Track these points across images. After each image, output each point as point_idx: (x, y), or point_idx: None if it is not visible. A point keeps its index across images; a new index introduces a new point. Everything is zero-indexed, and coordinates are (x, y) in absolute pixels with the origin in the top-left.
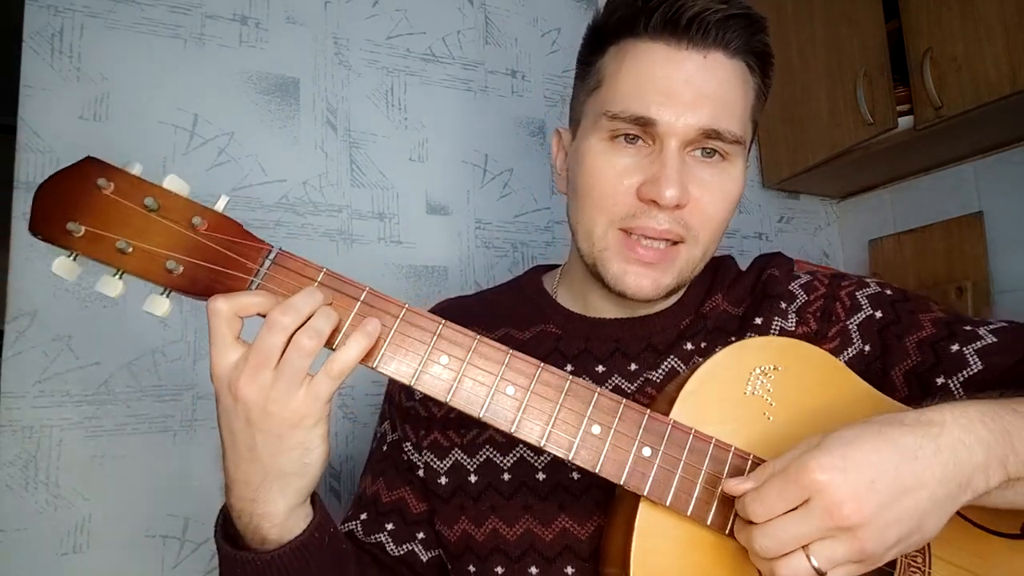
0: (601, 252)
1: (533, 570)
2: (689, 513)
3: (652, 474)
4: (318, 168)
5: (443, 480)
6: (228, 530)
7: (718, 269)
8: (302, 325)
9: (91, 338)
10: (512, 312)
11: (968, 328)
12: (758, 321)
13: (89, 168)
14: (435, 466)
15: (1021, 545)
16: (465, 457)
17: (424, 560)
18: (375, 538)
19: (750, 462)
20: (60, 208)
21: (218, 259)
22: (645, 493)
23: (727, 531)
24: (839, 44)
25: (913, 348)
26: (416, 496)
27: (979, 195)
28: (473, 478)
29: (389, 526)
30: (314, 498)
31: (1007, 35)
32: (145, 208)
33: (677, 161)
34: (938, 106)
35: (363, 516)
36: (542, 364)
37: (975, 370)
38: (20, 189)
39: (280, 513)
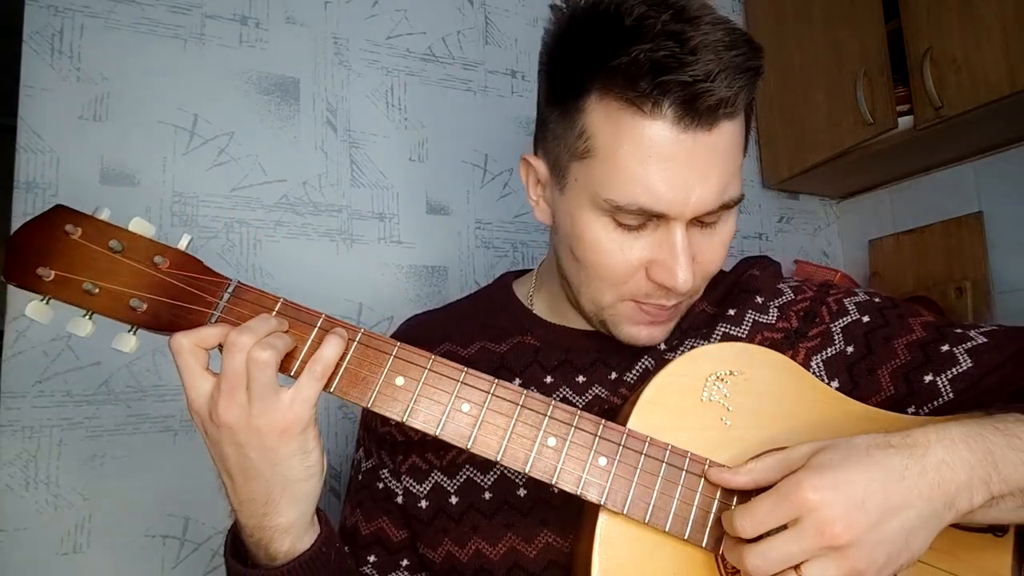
0: (611, 316)
1: None
2: (647, 520)
3: (608, 483)
4: (318, 168)
5: (423, 504)
6: (237, 548)
7: None
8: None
9: (91, 338)
10: (486, 324)
11: (958, 331)
12: (731, 312)
13: (58, 215)
14: (415, 490)
15: (990, 540)
16: (445, 479)
17: None
18: (360, 570)
19: (707, 467)
20: (31, 254)
21: (179, 295)
22: (602, 502)
23: (685, 536)
24: (839, 44)
25: (902, 349)
26: (395, 524)
27: (979, 195)
28: (454, 499)
29: (371, 558)
30: (320, 515)
31: (1006, 35)
32: (110, 250)
33: (685, 244)
34: (938, 106)
35: (344, 549)
36: (496, 380)
37: (964, 367)
38: (20, 189)
39: (294, 522)
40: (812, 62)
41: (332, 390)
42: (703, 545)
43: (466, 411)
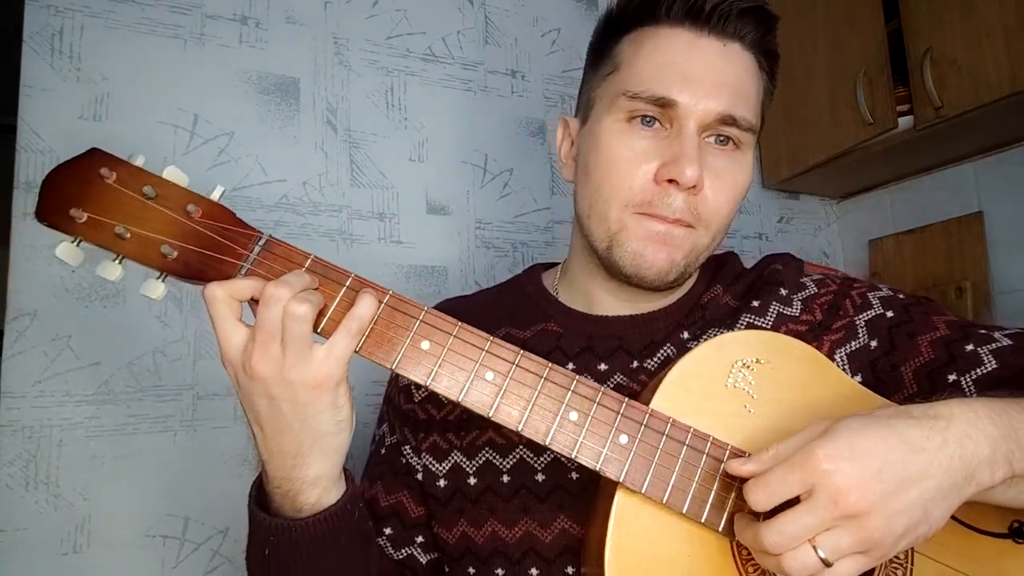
0: (617, 233)
1: (534, 571)
2: (665, 501)
3: (628, 461)
4: (318, 168)
5: (441, 483)
6: (261, 499)
7: (723, 265)
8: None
9: (91, 338)
10: (512, 311)
11: (983, 331)
12: (755, 303)
13: (94, 159)
14: (434, 469)
15: (1008, 545)
16: (464, 459)
17: (423, 563)
18: (375, 541)
19: (728, 452)
20: (65, 196)
21: (210, 244)
22: (621, 479)
23: (702, 519)
24: (839, 44)
25: (926, 347)
26: (414, 500)
27: (979, 195)
28: (472, 480)
29: (387, 530)
30: (347, 473)
31: (1007, 35)
32: (143, 196)
33: (696, 142)
34: (938, 106)
35: (367, 512)
36: (522, 351)
37: (989, 368)
38: (20, 189)
39: (323, 475)
40: (813, 62)
41: (359, 350)
42: (719, 530)
43: (490, 379)
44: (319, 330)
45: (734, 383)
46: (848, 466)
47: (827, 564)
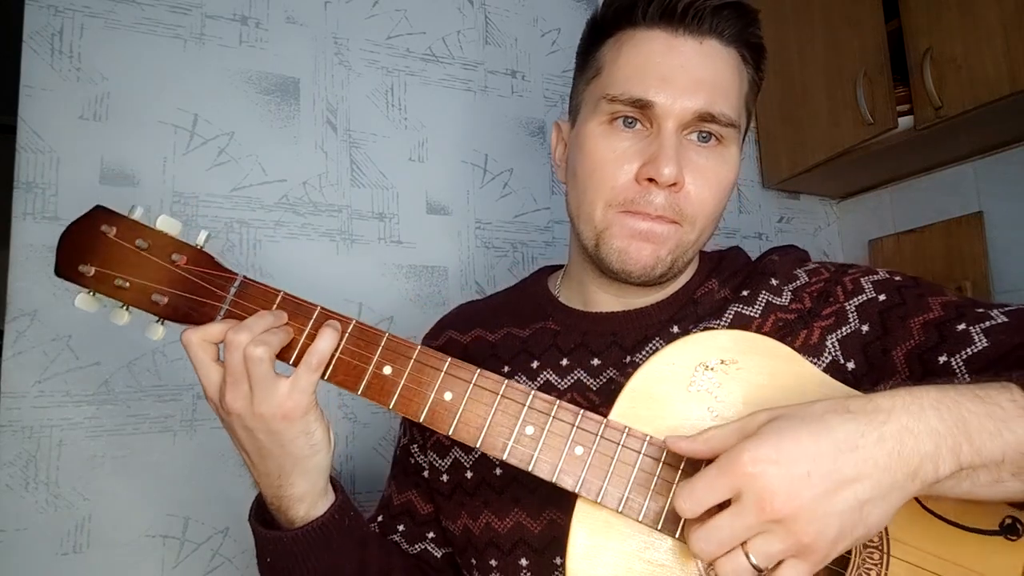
0: (603, 232)
1: (523, 562)
2: (620, 509)
3: (583, 472)
4: (318, 168)
5: (444, 478)
6: (262, 514)
7: (723, 259)
8: None
9: (91, 338)
10: (515, 312)
11: (980, 310)
12: (745, 293)
13: (97, 216)
14: (437, 464)
15: (997, 543)
16: (462, 454)
17: (438, 556)
18: (391, 538)
19: (684, 461)
20: (75, 252)
21: (194, 289)
22: (577, 491)
23: (658, 527)
24: (839, 44)
25: (917, 329)
26: (423, 497)
27: (979, 195)
28: (469, 474)
29: (401, 527)
30: (336, 485)
31: (1006, 35)
32: (137, 248)
33: (674, 141)
34: (938, 106)
35: (379, 518)
36: (479, 370)
37: (979, 347)
38: (20, 189)
39: (307, 492)
40: (812, 62)
41: (327, 378)
42: (676, 536)
43: (448, 400)
44: (291, 362)
45: (696, 387)
46: (774, 469)
47: (759, 570)
